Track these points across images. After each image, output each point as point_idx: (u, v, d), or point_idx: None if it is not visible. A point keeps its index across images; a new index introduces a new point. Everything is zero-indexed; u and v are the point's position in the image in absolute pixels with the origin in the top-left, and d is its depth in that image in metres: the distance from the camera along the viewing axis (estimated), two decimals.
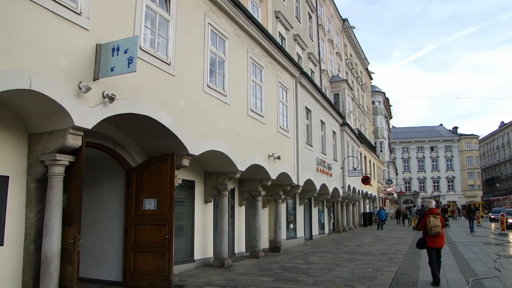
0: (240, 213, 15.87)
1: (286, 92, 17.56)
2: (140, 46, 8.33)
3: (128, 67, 7.10)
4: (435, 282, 9.67)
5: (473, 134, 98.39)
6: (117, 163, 9.97)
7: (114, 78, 7.62)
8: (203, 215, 13.12)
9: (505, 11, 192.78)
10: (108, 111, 7.67)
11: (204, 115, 10.98)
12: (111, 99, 7.52)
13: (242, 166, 12.92)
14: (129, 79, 7.99)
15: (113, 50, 7.29)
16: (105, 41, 7.49)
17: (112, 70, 7.26)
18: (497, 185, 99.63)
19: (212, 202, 13.62)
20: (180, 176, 10.82)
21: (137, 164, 10.11)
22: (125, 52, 7.15)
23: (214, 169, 13.01)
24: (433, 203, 11.24)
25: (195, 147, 10.39)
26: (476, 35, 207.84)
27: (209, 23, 11.38)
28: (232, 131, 12.50)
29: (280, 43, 20.16)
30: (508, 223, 28.70)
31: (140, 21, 8.60)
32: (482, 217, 43.06)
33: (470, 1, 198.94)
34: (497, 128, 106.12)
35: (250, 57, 14.07)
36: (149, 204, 9.69)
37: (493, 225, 37.28)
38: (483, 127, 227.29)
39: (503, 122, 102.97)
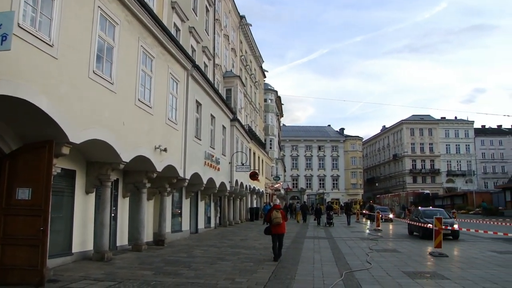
0: (124, 205, 15.45)
1: (177, 84, 17.36)
2: (18, 23, 7.75)
3: (1, 44, 6.58)
4: (275, 258, 12.99)
5: (358, 136, 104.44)
6: None
7: None
8: (83, 206, 12.57)
9: (392, 24, 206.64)
10: None
11: (88, 102, 10.52)
12: None
13: (126, 157, 12.58)
14: (4, 58, 7.40)
15: None
16: None
17: None
18: (377, 184, 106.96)
19: (94, 193, 13.09)
20: (59, 165, 10.32)
21: (11, 151, 9.42)
22: None
23: (97, 158, 12.51)
24: (278, 201, 13.34)
25: (77, 135, 9.92)
26: (365, 43, 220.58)
27: (98, 7, 10.89)
28: (118, 120, 12.11)
29: (175, 34, 19.93)
30: (383, 219, 31.56)
31: None
32: (361, 214, 45.81)
33: (362, 11, 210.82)
34: (379, 131, 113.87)
35: (141, 45, 13.71)
36: (23, 194, 9.03)
37: (366, 221, 40.32)
38: (367, 129, 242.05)
39: (384, 126, 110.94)
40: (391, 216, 39.56)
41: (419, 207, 27.44)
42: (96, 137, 10.80)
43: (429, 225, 17.65)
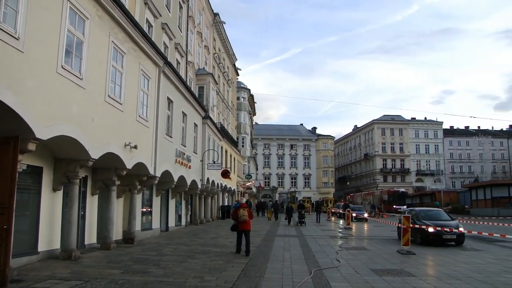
0: (93, 202, 15.19)
1: (148, 80, 17.17)
2: None
3: None
4: (237, 251, 14.09)
5: (330, 135, 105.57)
6: None
7: None
8: (50, 204, 12.30)
9: (365, 25, 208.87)
10: None
11: (56, 97, 10.30)
12: None
13: (95, 153, 12.37)
14: None
15: None
16: None
17: None
18: (348, 183, 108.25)
19: (62, 191, 12.81)
20: (25, 161, 10.08)
21: None
22: None
23: (65, 155, 12.27)
24: (244, 200, 14.15)
25: (44, 131, 9.69)
26: (338, 43, 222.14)
27: (68, 0, 10.67)
28: (87, 116, 11.90)
29: (147, 31, 19.71)
30: (353, 218, 31.88)
31: None
32: (332, 213, 46.22)
33: (335, 11, 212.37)
34: (351, 131, 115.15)
35: (112, 41, 13.50)
36: None
37: (340, 219, 40.50)
38: (339, 129, 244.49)
39: (356, 126, 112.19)
40: (366, 215, 40.01)
41: (416, 208, 24.63)
42: (64, 133, 10.57)
43: (430, 228, 16.53)
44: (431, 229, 16.44)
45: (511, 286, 9.36)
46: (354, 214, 35.32)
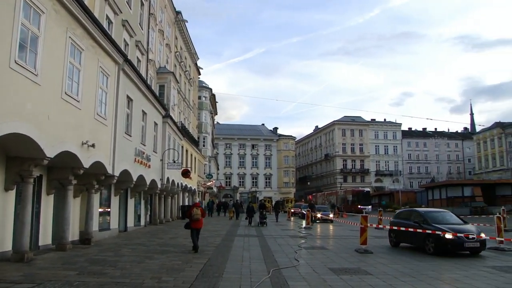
0: (48, 202, 14.75)
1: (107, 78, 16.83)
2: None
3: None
4: (194, 249, 14.62)
5: (291, 136, 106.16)
6: None
7: None
8: (2, 204, 11.83)
9: (327, 26, 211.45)
10: None
11: (8, 93, 9.95)
12: None
13: (51, 152, 12.03)
14: None
15: None
16: None
17: None
18: (308, 183, 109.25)
19: (15, 190, 12.37)
20: None
21: None
22: None
23: (19, 153, 11.86)
24: (198, 199, 14.05)
25: None
26: (300, 44, 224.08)
27: None
28: (42, 114, 11.55)
29: (107, 27, 19.38)
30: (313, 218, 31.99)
31: None
32: (293, 213, 46.36)
33: (298, 13, 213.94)
34: (312, 131, 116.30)
35: (70, 37, 13.15)
36: None
37: (293, 219, 41.28)
38: (300, 129, 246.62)
39: (317, 126, 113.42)
40: (331, 216, 37.68)
41: (419, 209, 20.05)
42: (16, 131, 10.22)
43: (448, 235, 13.73)
44: (449, 236, 13.77)
45: (461, 281, 9.57)
46: (319, 215, 35.45)
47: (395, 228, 16.65)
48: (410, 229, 15.22)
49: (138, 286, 8.84)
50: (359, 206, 57.23)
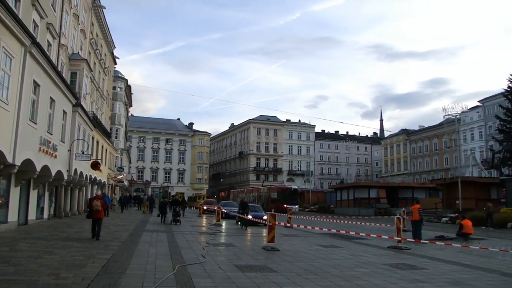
0: None
1: (11, 60, 15.74)
2: None
3: None
4: (92, 236, 16.23)
5: (206, 132, 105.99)
6: None
7: None
8: None
9: (248, 25, 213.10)
10: None
11: None
12: None
13: None
14: None
15: None
16: None
17: None
18: (222, 180, 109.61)
19: None
20: None
21: None
22: None
23: None
24: (100, 192, 14.79)
25: None
26: (221, 41, 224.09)
27: None
28: None
29: (13, 5, 18.21)
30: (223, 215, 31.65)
31: None
32: (206, 210, 45.63)
33: (220, 9, 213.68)
34: (227, 128, 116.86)
35: None
36: None
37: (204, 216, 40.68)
38: (216, 126, 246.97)
39: (233, 124, 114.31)
40: (265, 218, 24.47)
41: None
42: None
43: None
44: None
45: (360, 278, 10.01)
46: (250, 216, 25.07)
47: None
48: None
49: (32, 284, 8.27)
50: (285, 206, 50.53)
